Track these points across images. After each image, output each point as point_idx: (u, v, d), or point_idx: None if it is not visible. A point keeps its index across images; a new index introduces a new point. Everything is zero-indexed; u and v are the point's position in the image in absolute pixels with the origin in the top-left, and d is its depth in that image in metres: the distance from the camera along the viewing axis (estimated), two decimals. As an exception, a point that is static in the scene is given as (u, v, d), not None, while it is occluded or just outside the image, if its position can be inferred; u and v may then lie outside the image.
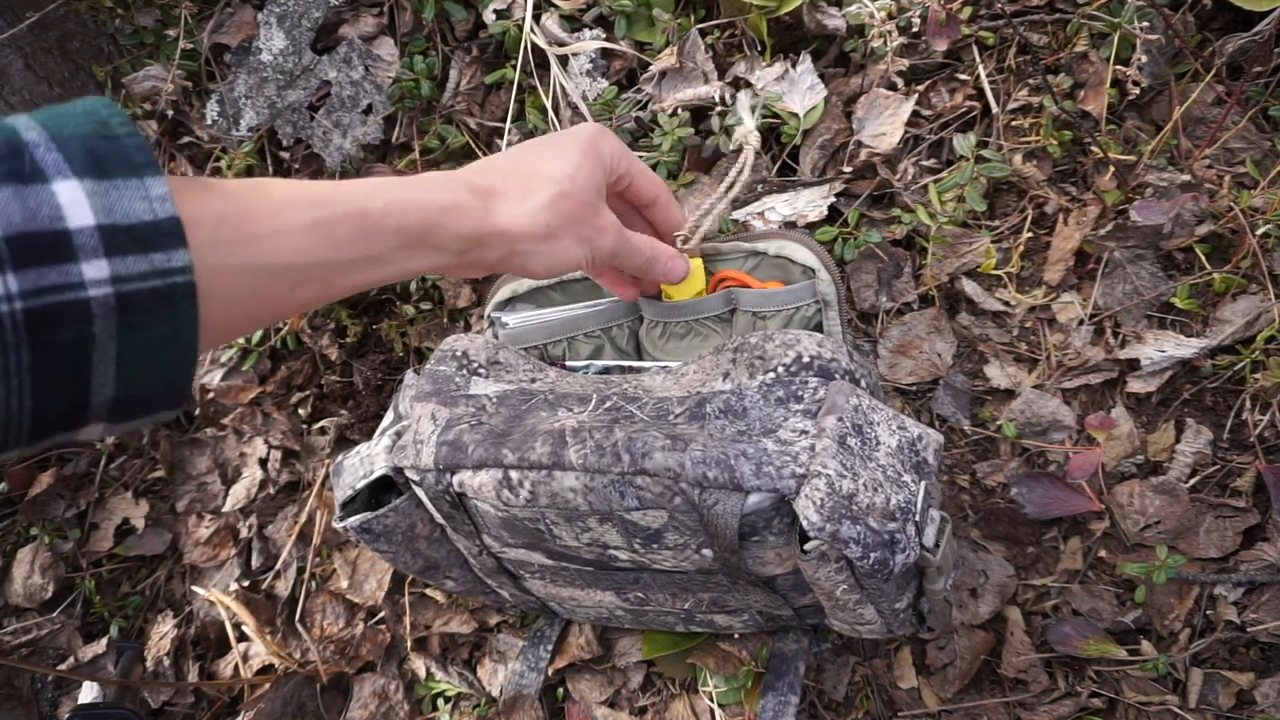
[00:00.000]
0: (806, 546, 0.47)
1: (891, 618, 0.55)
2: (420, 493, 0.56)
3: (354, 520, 0.57)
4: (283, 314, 0.37)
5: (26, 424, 0.27)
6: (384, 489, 0.58)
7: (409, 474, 0.55)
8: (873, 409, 0.50)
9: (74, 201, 0.26)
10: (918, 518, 0.47)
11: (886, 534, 0.45)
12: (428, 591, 0.82)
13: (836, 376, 0.52)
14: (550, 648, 0.76)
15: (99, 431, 0.31)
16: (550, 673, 0.75)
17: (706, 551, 0.51)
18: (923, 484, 0.48)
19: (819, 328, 0.60)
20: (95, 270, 0.26)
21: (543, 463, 0.49)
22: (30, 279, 0.25)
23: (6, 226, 0.25)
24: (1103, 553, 0.67)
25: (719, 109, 0.72)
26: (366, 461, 0.57)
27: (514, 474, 0.50)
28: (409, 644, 0.82)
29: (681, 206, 0.61)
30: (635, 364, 0.63)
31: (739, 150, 0.68)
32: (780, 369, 0.52)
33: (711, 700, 0.71)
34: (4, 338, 0.25)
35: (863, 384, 0.53)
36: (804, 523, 0.45)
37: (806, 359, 0.52)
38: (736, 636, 0.72)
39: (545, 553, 0.57)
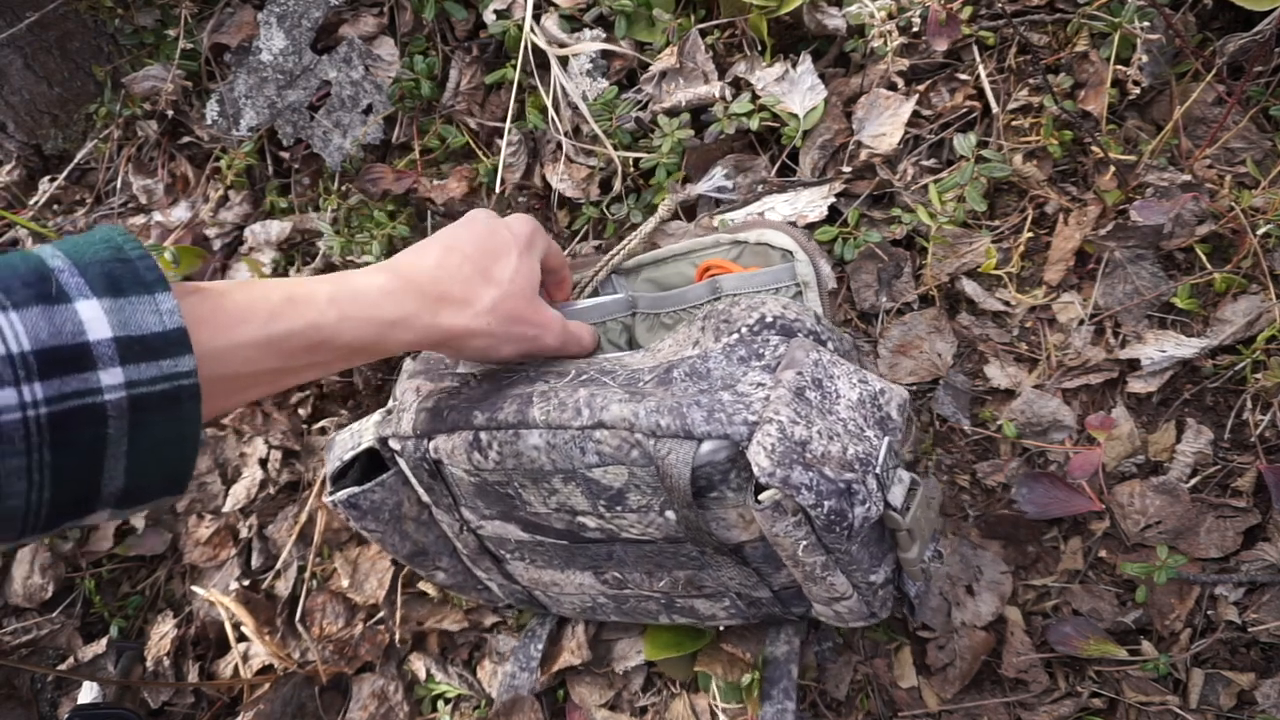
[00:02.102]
0: (761, 496, 0.46)
1: (869, 593, 0.54)
2: (403, 464, 0.57)
3: (341, 494, 0.58)
4: (223, 413, 0.40)
5: (44, 515, 0.31)
6: (375, 471, 0.59)
7: (393, 444, 0.56)
8: (834, 364, 0.50)
9: (94, 318, 0.30)
10: (878, 470, 0.46)
11: (843, 483, 0.45)
12: (421, 586, 0.82)
13: (799, 335, 0.52)
14: (541, 646, 0.76)
15: (105, 516, 0.33)
16: (542, 674, 0.75)
17: (670, 514, 0.51)
18: (886, 439, 0.48)
19: None
20: (111, 377, 0.30)
21: (509, 422, 0.50)
22: (54, 387, 0.29)
23: (35, 342, 0.28)
24: (1103, 553, 0.67)
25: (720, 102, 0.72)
26: (356, 435, 0.58)
27: (483, 435, 0.51)
28: (398, 638, 0.82)
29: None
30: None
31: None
32: (744, 329, 0.52)
33: (715, 705, 0.71)
34: (29, 440, 0.28)
35: (829, 345, 0.53)
36: (754, 468, 0.44)
37: (770, 319, 0.52)
38: (723, 629, 0.71)
39: (519, 524, 0.57)
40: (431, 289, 0.47)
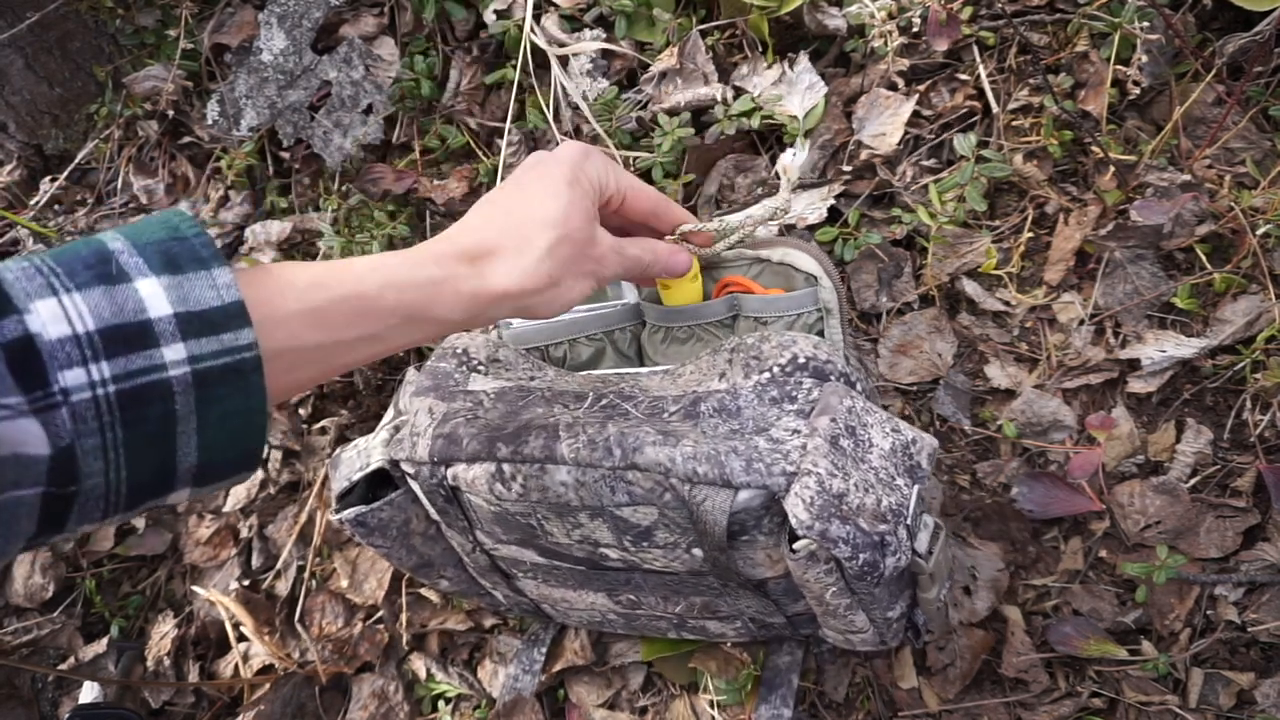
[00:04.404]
0: (795, 546, 0.47)
1: (884, 627, 0.54)
2: (415, 486, 0.56)
3: (349, 513, 0.57)
4: (281, 396, 0.38)
5: (124, 493, 0.31)
6: (381, 484, 0.59)
7: (405, 467, 0.55)
8: (867, 411, 0.50)
9: (153, 295, 0.30)
10: (909, 521, 0.47)
11: (877, 535, 0.45)
12: (423, 591, 0.82)
13: (831, 378, 0.52)
14: (544, 650, 0.76)
15: (185, 495, 0.34)
16: (544, 676, 0.75)
17: (697, 551, 0.51)
18: (915, 488, 0.48)
19: (820, 335, 0.60)
20: (174, 353, 0.30)
21: (535, 456, 0.49)
22: (119, 365, 0.29)
23: (98, 321, 0.29)
24: (1103, 553, 0.67)
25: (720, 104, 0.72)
26: (364, 454, 0.57)
27: (507, 467, 0.50)
28: (405, 640, 0.82)
29: (684, 208, 0.60)
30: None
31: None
32: (775, 369, 0.52)
33: (713, 707, 0.71)
34: (100, 418, 0.29)
35: (858, 387, 0.53)
36: (793, 521, 0.44)
37: (802, 360, 0.52)
38: (729, 646, 0.71)
39: (537, 550, 0.57)
40: (476, 246, 0.44)
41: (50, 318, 0.28)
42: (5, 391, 0.27)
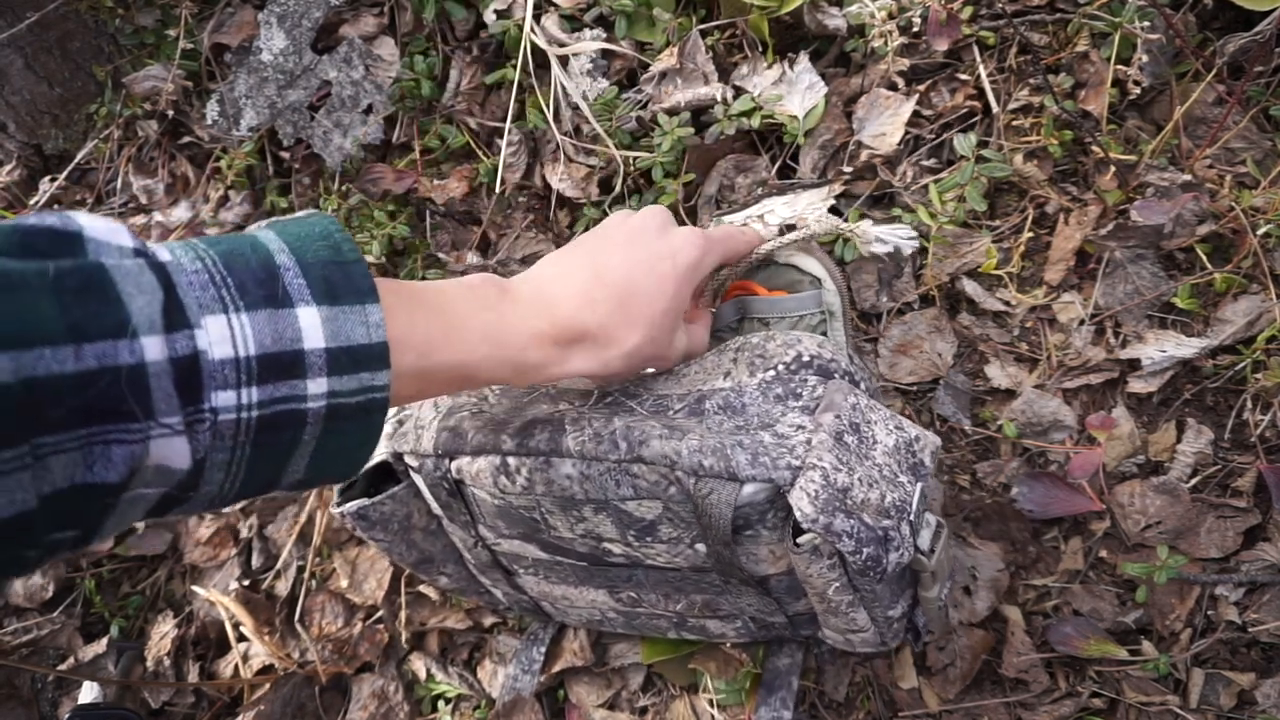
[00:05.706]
0: (799, 540, 0.47)
1: (885, 626, 0.54)
2: (418, 480, 0.56)
3: (351, 506, 0.57)
4: None
5: (229, 498, 0.33)
6: (382, 479, 0.59)
7: (408, 459, 0.55)
8: (871, 408, 0.50)
9: (311, 326, 0.31)
10: (912, 518, 0.47)
11: (881, 530, 0.45)
12: (423, 590, 0.82)
13: (835, 376, 0.52)
14: (543, 650, 0.76)
15: (275, 495, 0.36)
16: (544, 676, 0.75)
17: (700, 547, 0.51)
18: (919, 485, 0.48)
19: (823, 336, 0.60)
20: (317, 386, 0.31)
21: (541, 449, 0.50)
22: (267, 392, 0.30)
23: (260, 347, 0.30)
24: (1103, 553, 0.67)
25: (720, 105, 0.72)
26: None
27: (512, 460, 0.51)
28: (404, 638, 0.82)
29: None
30: None
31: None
32: (780, 367, 0.52)
33: (712, 706, 0.71)
34: (236, 437, 0.30)
35: (861, 386, 0.53)
36: (797, 514, 0.45)
37: (806, 358, 0.52)
38: (729, 646, 0.71)
39: (540, 544, 0.57)
40: (574, 331, 0.45)
41: (218, 338, 0.29)
42: (170, 411, 0.28)
